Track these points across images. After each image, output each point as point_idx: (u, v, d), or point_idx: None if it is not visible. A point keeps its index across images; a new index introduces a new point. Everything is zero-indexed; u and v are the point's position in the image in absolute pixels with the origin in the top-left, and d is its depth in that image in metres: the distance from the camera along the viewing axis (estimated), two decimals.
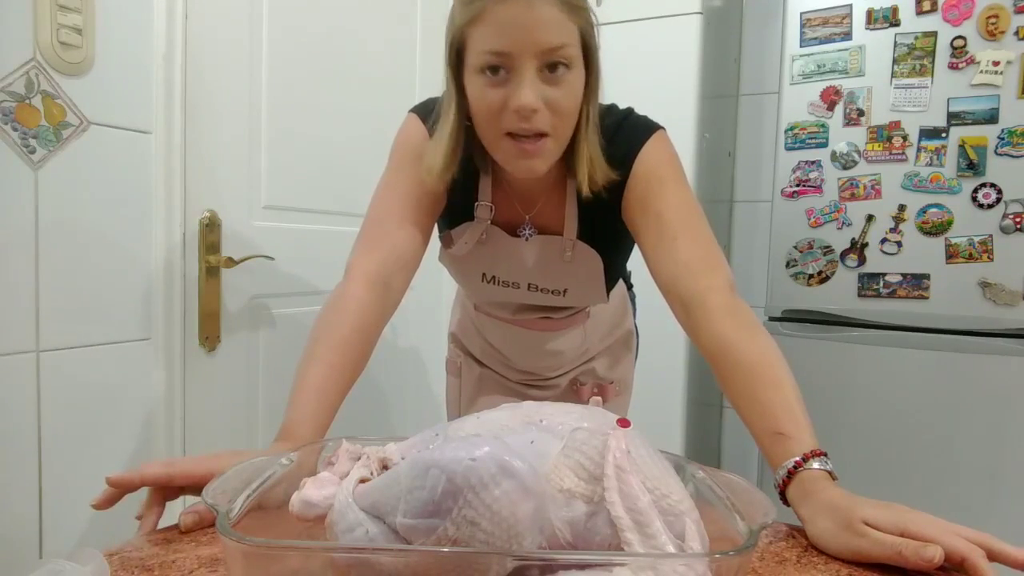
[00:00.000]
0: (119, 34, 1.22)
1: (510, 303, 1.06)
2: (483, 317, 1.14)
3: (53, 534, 1.15)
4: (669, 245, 0.81)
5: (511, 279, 0.99)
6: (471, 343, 1.21)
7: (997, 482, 1.58)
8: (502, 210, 0.94)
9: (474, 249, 0.96)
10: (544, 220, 0.94)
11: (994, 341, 1.60)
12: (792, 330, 1.80)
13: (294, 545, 0.44)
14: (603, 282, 0.97)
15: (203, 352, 1.40)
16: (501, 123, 0.77)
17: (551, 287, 0.98)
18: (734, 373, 0.70)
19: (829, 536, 0.56)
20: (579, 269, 0.95)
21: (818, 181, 1.77)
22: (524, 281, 0.98)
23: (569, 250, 0.93)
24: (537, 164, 0.80)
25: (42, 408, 1.13)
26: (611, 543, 0.41)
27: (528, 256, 0.95)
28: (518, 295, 1.01)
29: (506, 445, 0.41)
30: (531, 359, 1.14)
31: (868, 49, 1.70)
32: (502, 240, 0.95)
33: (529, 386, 1.19)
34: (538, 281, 0.98)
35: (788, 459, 0.61)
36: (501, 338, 1.14)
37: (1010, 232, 1.58)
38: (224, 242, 1.41)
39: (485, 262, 0.98)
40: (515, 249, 0.95)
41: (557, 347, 1.11)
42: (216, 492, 0.46)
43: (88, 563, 0.46)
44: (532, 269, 0.96)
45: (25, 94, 1.08)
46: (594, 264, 0.94)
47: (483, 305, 1.13)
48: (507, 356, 1.15)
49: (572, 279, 0.97)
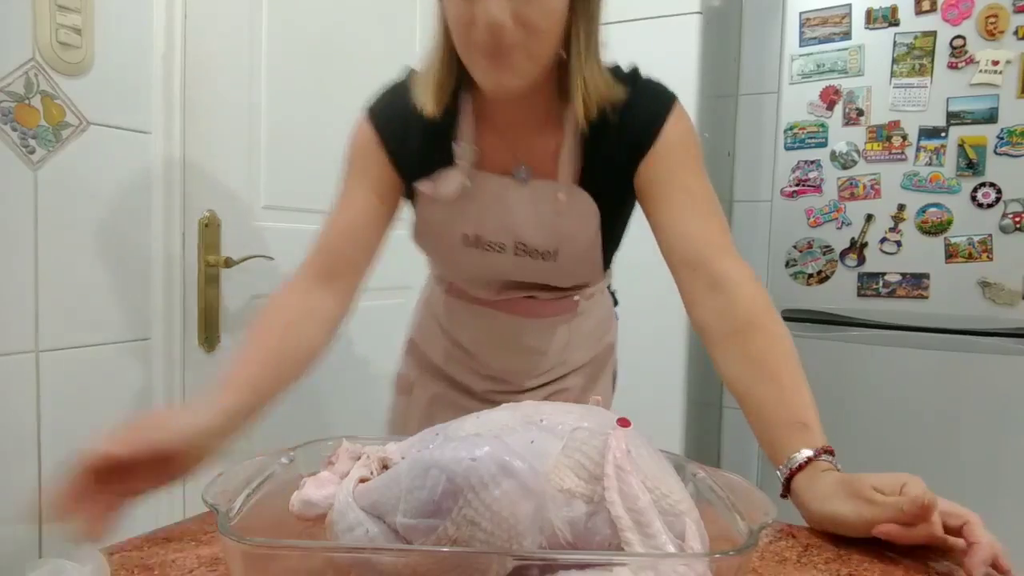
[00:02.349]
0: (119, 34, 1.22)
1: (492, 278, 0.93)
2: (457, 304, 1.00)
3: (53, 534, 1.15)
4: (702, 222, 0.77)
5: (497, 239, 0.86)
6: (433, 347, 1.06)
7: (997, 481, 1.58)
8: (488, 153, 0.84)
9: (457, 203, 0.84)
10: (537, 163, 0.84)
11: (993, 341, 1.60)
12: (792, 330, 1.78)
13: (294, 545, 0.44)
14: (599, 244, 0.87)
15: (203, 352, 1.40)
16: (471, 38, 0.71)
17: (541, 246, 0.86)
18: (768, 350, 0.69)
19: (842, 506, 0.57)
20: (572, 223, 0.84)
21: (817, 181, 1.77)
22: (511, 240, 0.86)
23: (563, 194, 0.82)
24: (507, 78, 0.73)
25: (42, 408, 1.13)
26: (611, 543, 0.41)
27: (518, 206, 0.84)
28: (503, 262, 0.88)
29: (506, 445, 0.41)
30: (507, 356, 1.00)
31: (867, 49, 1.70)
32: (490, 186, 0.84)
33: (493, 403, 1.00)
34: (527, 238, 0.85)
35: (806, 449, 0.61)
36: (475, 331, 1.00)
37: (1009, 231, 1.58)
38: (224, 242, 1.41)
39: (469, 218, 0.86)
40: (505, 196, 0.84)
41: (538, 343, 0.99)
42: (216, 492, 0.46)
43: (88, 563, 0.46)
44: (521, 223, 0.85)
45: (24, 94, 1.08)
46: (590, 217, 0.84)
47: (459, 285, 0.99)
48: (478, 355, 1.01)
49: (565, 236, 0.85)
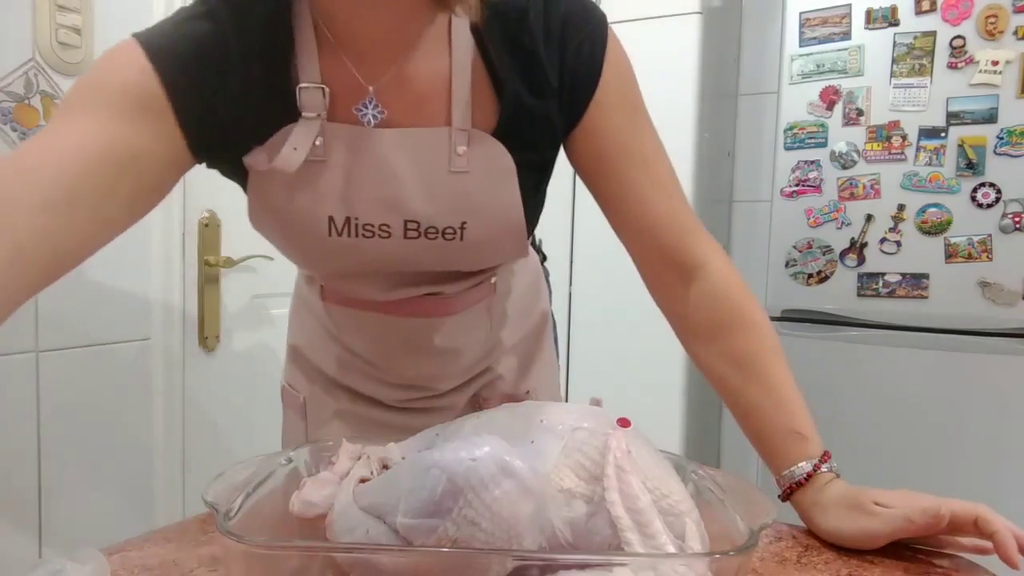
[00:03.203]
0: (119, 34, 1.21)
1: (378, 273, 0.68)
2: (338, 310, 0.76)
3: (53, 534, 1.15)
4: (666, 198, 0.65)
5: (376, 219, 0.61)
6: (323, 356, 0.82)
7: (997, 481, 1.58)
8: (343, 95, 0.58)
9: (310, 174, 0.59)
10: (418, 102, 0.60)
11: (993, 341, 1.60)
12: (791, 330, 1.80)
13: (294, 545, 0.44)
14: (519, 210, 0.63)
15: (203, 352, 1.40)
16: None
17: (440, 222, 0.61)
18: (756, 350, 0.64)
19: (843, 520, 0.56)
20: (480, 185, 0.61)
21: (817, 181, 1.77)
22: (397, 219, 0.61)
23: (462, 144, 0.59)
24: None
25: (42, 408, 1.13)
26: (611, 543, 0.41)
27: (401, 168, 0.59)
28: (389, 250, 0.63)
29: (506, 445, 0.41)
30: (414, 363, 0.77)
31: (867, 49, 1.70)
32: (356, 144, 0.59)
33: (413, 411, 0.81)
34: (418, 212, 0.61)
35: (805, 461, 0.60)
36: (368, 339, 0.77)
37: (1009, 232, 1.58)
38: (224, 242, 1.41)
39: (331, 195, 0.60)
40: (380, 155, 0.59)
41: (451, 342, 0.75)
42: (216, 492, 0.46)
43: (88, 563, 0.46)
44: (408, 192, 0.60)
45: (24, 94, 1.08)
46: (503, 175, 0.61)
47: (336, 288, 0.75)
48: (378, 362, 0.78)
49: (471, 205, 0.61)
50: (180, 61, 0.55)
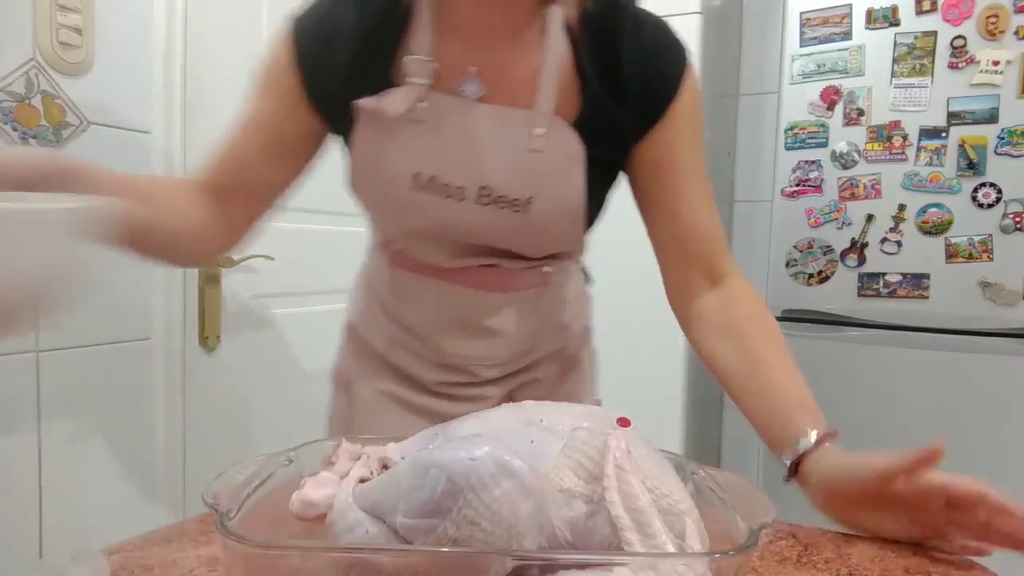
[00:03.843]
0: (119, 34, 1.22)
1: (447, 236, 0.75)
2: (403, 277, 0.83)
3: (53, 534, 1.15)
4: (711, 215, 0.74)
5: (455, 180, 0.69)
6: (375, 333, 0.88)
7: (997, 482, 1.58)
8: (448, 70, 0.68)
9: (407, 133, 0.68)
10: (508, 85, 0.68)
11: (994, 341, 1.60)
12: (792, 330, 1.80)
13: (294, 545, 0.44)
14: (582, 199, 0.71)
15: (203, 352, 1.40)
16: None
17: (511, 192, 0.69)
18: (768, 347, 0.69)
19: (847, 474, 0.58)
20: (551, 165, 0.69)
21: (818, 181, 1.77)
22: (474, 183, 0.69)
23: (542, 127, 0.67)
24: None
25: (42, 408, 1.13)
26: (611, 543, 0.41)
27: (486, 139, 0.68)
28: (462, 214, 0.71)
29: (506, 445, 0.41)
30: (463, 338, 0.82)
31: (868, 49, 1.70)
32: (450, 112, 0.68)
33: (450, 397, 0.87)
34: (494, 180, 0.69)
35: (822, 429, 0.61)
36: (424, 308, 0.83)
37: (1010, 232, 1.58)
38: None
39: (422, 152, 0.69)
40: (469, 125, 0.68)
41: (501, 323, 0.81)
42: (216, 492, 0.46)
43: (88, 563, 0.46)
44: (488, 161, 0.68)
45: (25, 94, 1.08)
46: (573, 161, 0.69)
47: (406, 251, 0.81)
48: (429, 338, 0.84)
49: (541, 181, 0.69)
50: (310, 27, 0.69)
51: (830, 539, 0.59)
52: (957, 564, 0.55)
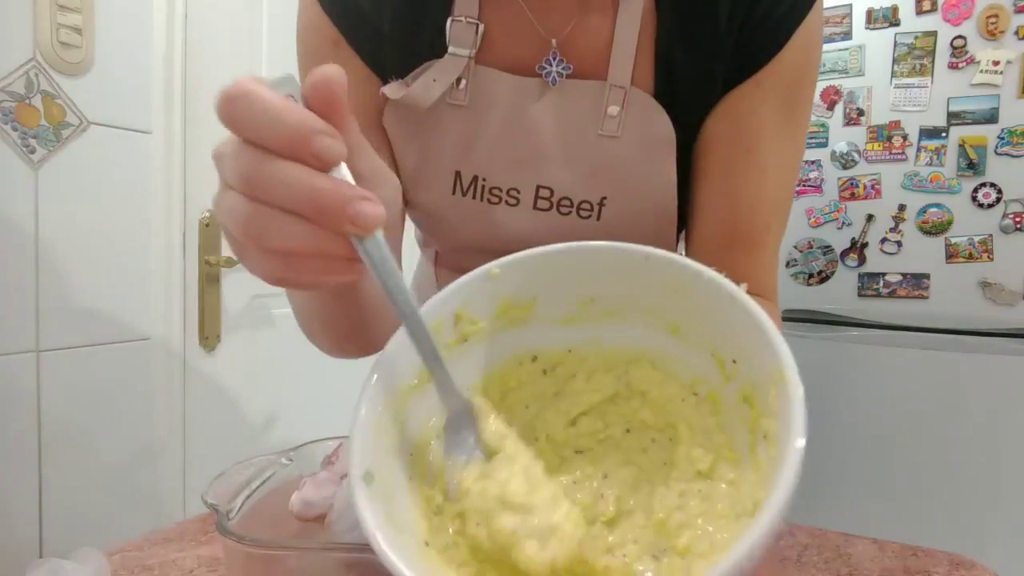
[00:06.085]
0: (119, 34, 1.22)
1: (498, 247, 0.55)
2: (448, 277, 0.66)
3: (53, 534, 1.15)
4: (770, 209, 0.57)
5: (508, 181, 0.55)
6: None
7: (997, 482, 1.58)
8: (498, 39, 0.53)
9: (445, 121, 0.54)
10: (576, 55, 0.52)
11: (994, 341, 1.60)
12: (792, 330, 1.80)
13: (294, 545, 0.44)
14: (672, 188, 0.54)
15: (203, 352, 1.40)
16: None
17: (578, 193, 0.54)
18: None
19: None
20: (631, 150, 0.53)
21: (818, 181, 1.77)
22: (530, 183, 0.54)
23: (617, 104, 0.51)
24: None
25: (42, 408, 1.13)
26: None
27: (546, 127, 0.53)
28: (515, 221, 0.56)
29: None
30: None
31: (868, 49, 1.70)
32: (501, 92, 0.53)
33: None
34: (555, 179, 0.54)
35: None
36: None
37: (1010, 232, 1.58)
38: (224, 242, 1.41)
39: (464, 146, 0.55)
40: (523, 109, 0.53)
41: None
42: (216, 492, 0.46)
43: (88, 563, 0.46)
44: (549, 155, 0.54)
45: (25, 94, 1.08)
46: (661, 146, 0.52)
47: (449, 256, 0.68)
48: None
49: (618, 176, 0.54)
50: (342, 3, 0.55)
51: (830, 539, 0.59)
52: (957, 564, 0.55)
